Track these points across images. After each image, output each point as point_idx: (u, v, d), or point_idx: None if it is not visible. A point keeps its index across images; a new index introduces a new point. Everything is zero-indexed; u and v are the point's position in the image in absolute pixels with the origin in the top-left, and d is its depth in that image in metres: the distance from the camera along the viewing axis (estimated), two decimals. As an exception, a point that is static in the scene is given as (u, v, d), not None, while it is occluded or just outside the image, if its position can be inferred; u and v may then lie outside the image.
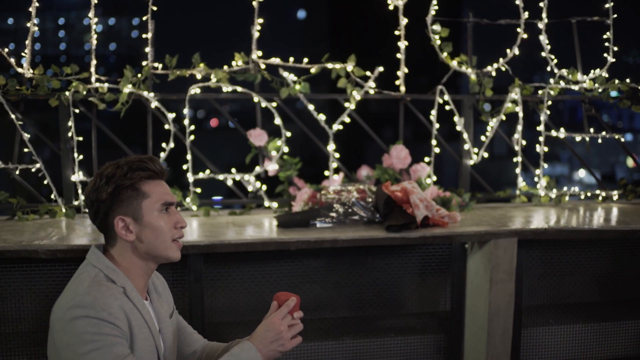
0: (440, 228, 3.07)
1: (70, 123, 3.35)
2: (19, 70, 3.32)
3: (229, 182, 3.57)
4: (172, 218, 1.89)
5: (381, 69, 3.67)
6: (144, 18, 3.46)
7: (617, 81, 3.77)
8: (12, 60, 3.32)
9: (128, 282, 1.83)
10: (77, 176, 3.37)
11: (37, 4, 3.34)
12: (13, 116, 3.29)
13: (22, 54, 3.33)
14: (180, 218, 1.91)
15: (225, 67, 3.51)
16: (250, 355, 1.82)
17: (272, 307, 1.93)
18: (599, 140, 3.89)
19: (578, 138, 3.88)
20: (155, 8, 3.47)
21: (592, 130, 3.89)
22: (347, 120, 3.67)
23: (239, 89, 3.50)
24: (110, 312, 1.70)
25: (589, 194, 3.94)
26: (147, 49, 3.46)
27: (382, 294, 3.30)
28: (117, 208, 1.82)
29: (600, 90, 3.80)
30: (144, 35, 3.47)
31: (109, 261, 1.84)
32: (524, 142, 3.79)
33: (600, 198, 3.92)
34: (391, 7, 3.70)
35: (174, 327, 2.05)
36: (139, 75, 3.42)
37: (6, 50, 3.30)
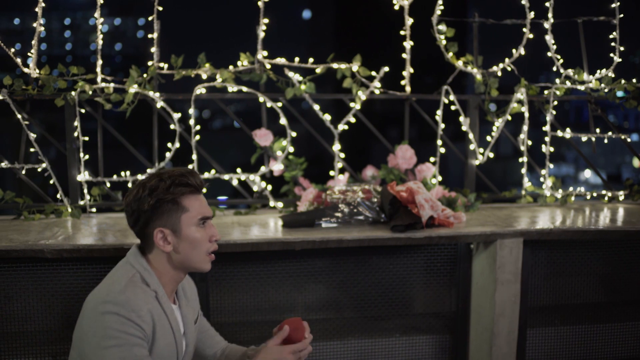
0: (445, 228, 3.06)
1: (76, 123, 3.36)
2: (25, 70, 3.33)
3: (235, 182, 3.57)
4: (207, 232, 1.97)
5: (387, 69, 3.66)
6: (150, 18, 3.46)
7: (623, 81, 3.75)
8: (19, 60, 3.33)
9: (160, 287, 1.92)
10: (83, 176, 3.38)
11: (43, 4, 3.34)
12: (19, 116, 3.30)
13: (29, 54, 3.35)
14: (215, 232, 1.99)
15: (231, 67, 3.51)
16: None
17: (284, 332, 1.99)
18: (605, 141, 3.87)
19: (584, 138, 3.87)
20: (161, 8, 3.47)
21: (598, 130, 3.88)
22: (353, 120, 3.66)
23: (245, 89, 3.50)
24: (139, 314, 1.79)
25: (594, 195, 3.93)
26: (153, 49, 3.47)
27: (387, 294, 3.30)
28: (157, 219, 1.90)
29: (606, 90, 3.79)
30: (149, 36, 3.47)
31: (146, 264, 1.93)
32: (529, 142, 3.78)
33: (606, 198, 3.91)
34: (397, 7, 3.70)
35: (197, 332, 2.14)
36: (145, 75, 3.43)
37: (12, 50, 3.31)
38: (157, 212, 1.89)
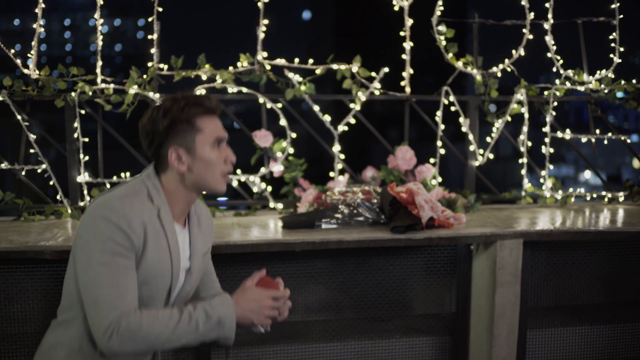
0: (445, 229, 3.06)
1: (76, 124, 3.36)
2: (25, 71, 3.33)
3: (234, 183, 3.57)
4: (222, 153, 1.95)
5: (386, 69, 3.66)
6: (150, 19, 3.46)
7: (623, 82, 3.75)
8: (19, 61, 3.33)
9: (165, 206, 1.91)
10: (83, 177, 3.38)
11: (43, 6, 3.34)
12: (19, 117, 3.30)
13: (29, 55, 3.35)
14: (231, 154, 1.97)
15: (231, 68, 3.51)
16: (227, 312, 1.89)
17: (262, 272, 2.04)
18: (605, 142, 3.87)
19: (584, 139, 3.87)
20: (160, 9, 3.47)
21: (598, 131, 3.88)
22: (353, 121, 3.66)
23: (245, 89, 3.50)
24: (129, 224, 1.79)
25: (594, 195, 3.93)
26: (153, 50, 3.47)
27: (387, 295, 3.30)
28: (172, 140, 1.89)
29: (606, 91, 3.79)
30: (149, 36, 3.47)
31: (158, 182, 1.93)
32: (529, 143, 3.78)
33: (606, 199, 3.91)
34: (396, 8, 3.70)
35: (203, 266, 2.11)
36: (145, 76, 3.43)
37: (12, 51, 3.31)
38: (171, 133, 1.89)
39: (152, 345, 1.80)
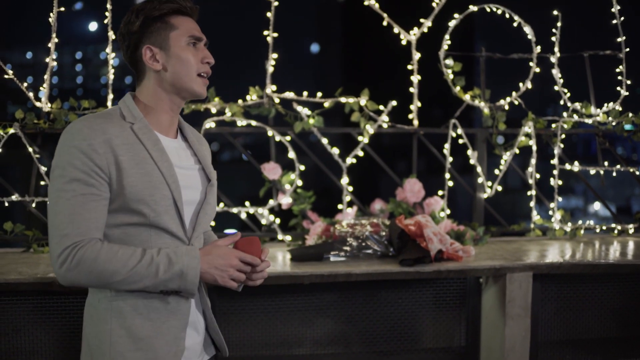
0: (454, 262, 3.05)
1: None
2: (37, 104, 3.37)
3: (243, 215, 3.58)
4: (199, 53, 1.91)
5: (394, 102, 3.69)
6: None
7: (630, 114, 3.76)
8: (31, 94, 3.37)
9: (141, 119, 1.84)
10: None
11: (56, 40, 3.39)
12: (30, 149, 3.33)
13: (41, 87, 3.39)
14: (208, 54, 1.92)
15: (240, 101, 3.54)
16: (192, 263, 1.75)
17: (236, 236, 1.90)
18: (614, 173, 3.87)
19: (592, 171, 3.86)
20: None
21: (606, 163, 3.87)
22: (361, 153, 3.68)
23: (254, 122, 3.53)
24: (90, 144, 1.71)
25: (604, 228, 3.91)
26: (163, 84, 3.50)
27: (396, 329, 3.27)
28: (146, 39, 1.86)
29: (614, 123, 3.80)
30: (160, 70, 3.51)
31: (132, 101, 1.88)
32: (538, 176, 3.78)
33: (615, 232, 3.88)
34: (404, 42, 3.74)
35: (214, 189, 1.99)
36: (155, 109, 3.46)
37: (25, 84, 3.36)
38: (145, 32, 1.86)
39: (106, 282, 1.71)
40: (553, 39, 3.83)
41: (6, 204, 3.34)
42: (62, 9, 3.37)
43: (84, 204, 1.71)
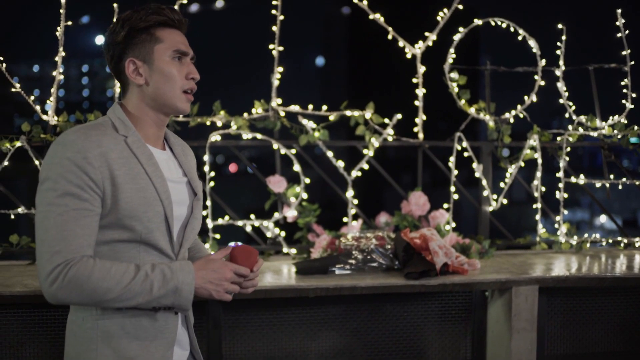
0: (459, 275, 3.04)
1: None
2: (44, 117, 3.38)
3: (248, 228, 3.58)
4: (184, 68, 1.84)
5: (399, 116, 3.69)
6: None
7: (636, 127, 3.76)
8: (38, 107, 3.39)
9: (133, 132, 1.79)
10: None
11: (63, 54, 3.42)
12: (37, 162, 3.35)
13: (48, 101, 3.40)
14: (193, 70, 1.86)
15: (246, 115, 3.55)
16: (187, 279, 1.72)
17: (228, 248, 1.85)
18: (620, 186, 3.86)
19: (598, 184, 3.86)
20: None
21: (612, 176, 3.87)
22: (366, 166, 3.68)
23: (259, 136, 3.54)
24: (85, 157, 1.65)
25: (610, 241, 3.90)
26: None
27: (401, 342, 3.26)
28: (130, 51, 1.81)
29: (619, 136, 3.80)
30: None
31: (122, 112, 1.82)
32: (543, 189, 3.78)
33: (622, 245, 3.87)
34: (409, 56, 3.75)
35: (199, 202, 1.95)
36: (161, 122, 3.47)
37: (32, 97, 3.38)
38: (130, 44, 1.79)
39: (99, 300, 1.65)
40: (558, 52, 3.83)
41: (12, 217, 3.36)
42: (70, 22, 3.39)
43: (76, 220, 1.65)
